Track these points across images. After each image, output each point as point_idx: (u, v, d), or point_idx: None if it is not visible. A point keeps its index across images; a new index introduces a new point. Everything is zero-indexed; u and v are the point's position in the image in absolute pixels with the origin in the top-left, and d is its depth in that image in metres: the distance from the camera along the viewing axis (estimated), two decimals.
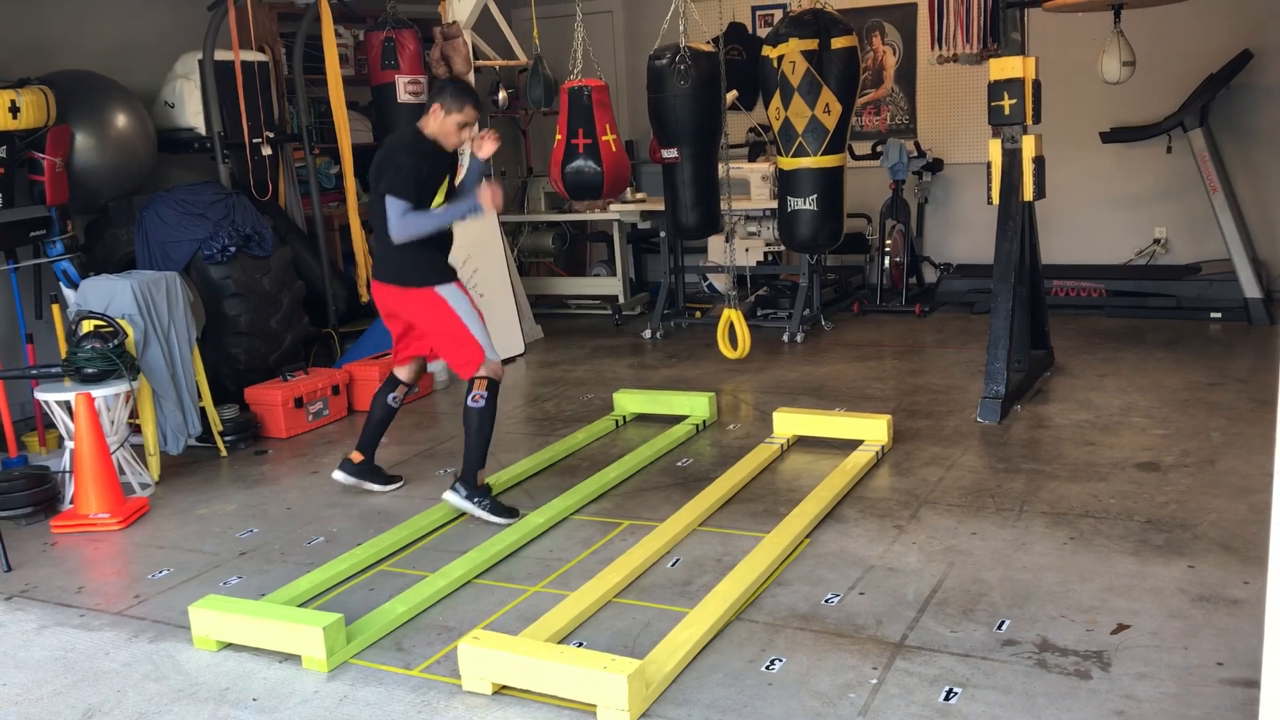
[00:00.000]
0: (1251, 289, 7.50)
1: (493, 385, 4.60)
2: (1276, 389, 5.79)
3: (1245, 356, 6.68)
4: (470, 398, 4.59)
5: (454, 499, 4.63)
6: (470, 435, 4.62)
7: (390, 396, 5.02)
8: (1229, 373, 6.27)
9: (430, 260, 4.63)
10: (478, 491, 4.62)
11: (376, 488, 5.08)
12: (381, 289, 4.72)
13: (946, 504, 4.52)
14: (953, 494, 4.63)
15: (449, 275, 4.67)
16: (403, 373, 5.00)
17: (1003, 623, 3.46)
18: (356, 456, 5.04)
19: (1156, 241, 8.66)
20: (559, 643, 3.42)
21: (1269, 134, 8.17)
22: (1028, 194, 5.87)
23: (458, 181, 4.81)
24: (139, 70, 6.80)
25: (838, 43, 6.58)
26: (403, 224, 4.44)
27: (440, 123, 4.58)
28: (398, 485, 5.13)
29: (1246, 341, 7.06)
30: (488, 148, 4.67)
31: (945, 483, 4.78)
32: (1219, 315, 7.62)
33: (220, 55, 6.65)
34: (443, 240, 4.70)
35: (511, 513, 4.61)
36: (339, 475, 5.04)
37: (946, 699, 3.04)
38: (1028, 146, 5.80)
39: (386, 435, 6.00)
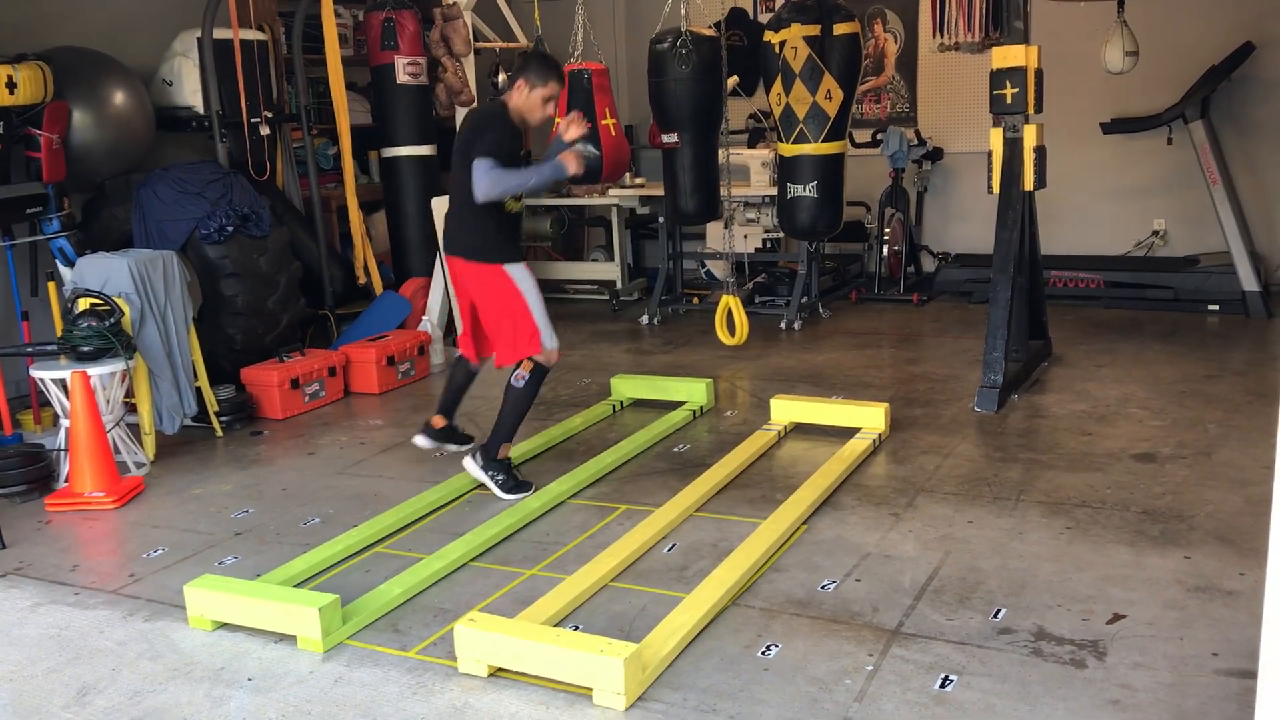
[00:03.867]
0: (1249, 282, 7.50)
1: (539, 370, 4.67)
2: (1273, 382, 5.81)
3: (1242, 349, 6.68)
4: (514, 376, 4.67)
5: (471, 468, 4.69)
6: (504, 411, 4.67)
7: (471, 366, 5.01)
8: (1226, 365, 6.27)
9: (502, 238, 4.62)
10: (495, 465, 4.66)
11: (453, 447, 5.07)
12: (451, 262, 4.74)
13: (943, 492, 4.53)
14: (949, 482, 4.63)
15: (518, 255, 4.67)
16: (473, 361, 5.00)
17: (999, 611, 3.46)
18: (439, 421, 5.01)
19: (1155, 233, 8.66)
20: (555, 626, 3.42)
21: (1270, 127, 8.15)
22: (1028, 183, 5.85)
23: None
24: (137, 47, 6.76)
25: (840, 29, 6.56)
26: (490, 179, 4.37)
27: (525, 97, 4.56)
28: (471, 443, 5.05)
29: (1244, 334, 7.06)
30: (574, 131, 4.65)
31: (942, 471, 4.78)
32: (1216, 308, 7.62)
33: (219, 34, 6.62)
34: (514, 222, 4.72)
35: (524, 487, 4.66)
36: (421, 440, 5.01)
37: (942, 686, 3.04)
38: (1029, 136, 5.78)
39: (381, 417, 6.03)
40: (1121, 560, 3.79)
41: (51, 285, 5.82)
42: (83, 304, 5.15)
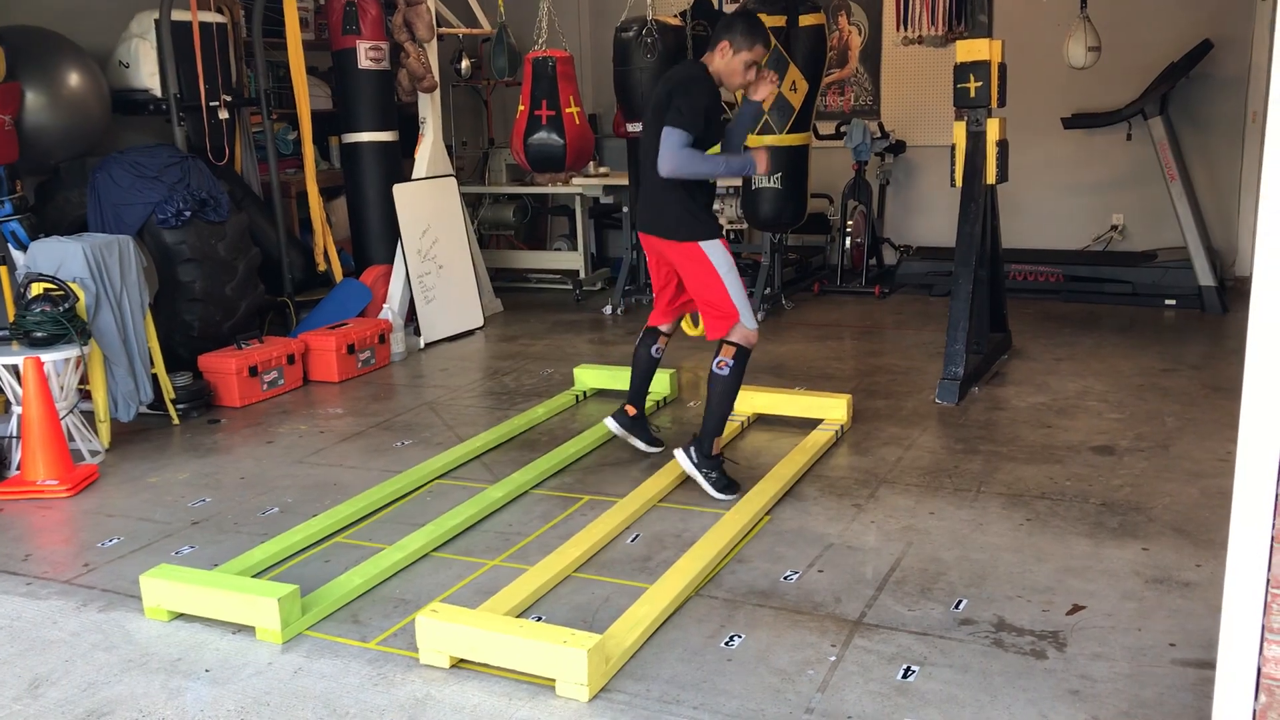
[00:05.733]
0: (1206, 277, 7.59)
1: (741, 353, 4.41)
2: (1229, 376, 5.88)
3: (1199, 343, 6.76)
4: (715, 363, 4.41)
5: (683, 461, 4.46)
6: (711, 402, 4.43)
7: (654, 348, 4.86)
8: (1183, 359, 6.34)
9: (697, 213, 4.39)
10: (708, 461, 4.43)
11: (641, 445, 4.93)
12: (648, 239, 4.54)
13: (905, 484, 4.54)
14: (911, 474, 4.65)
15: (715, 230, 4.42)
16: (664, 325, 4.87)
17: (960, 602, 3.48)
18: (630, 410, 4.89)
19: (1114, 228, 8.75)
20: (518, 617, 3.40)
21: (1226, 124, 8.27)
22: (991, 177, 5.89)
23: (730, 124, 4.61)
24: (93, 28, 6.63)
25: (805, 20, 6.57)
26: (678, 157, 4.16)
27: (727, 61, 4.31)
28: (659, 449, 4.92)
29: (1200, 329, 7.15)
30: (764, 89, 4.43)
31: (904, 463, 4.80)
32: (1174, 302, 7.71)
33: (177, 15, 6.50)
34: (708, 192, 4.50)
35: (734, 488, 4.42)
36: (611, 424, 4.91)
37: (904, 677, 3.05)
38: (992, 130, 5.82)
39: (341, 406, 5.97)
40: (1081, 552, 3.83)
41: (3, 270, 5.69)
42: (36, 289, 5.06)
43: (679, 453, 4.51)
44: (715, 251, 4.37)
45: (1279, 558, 2.06)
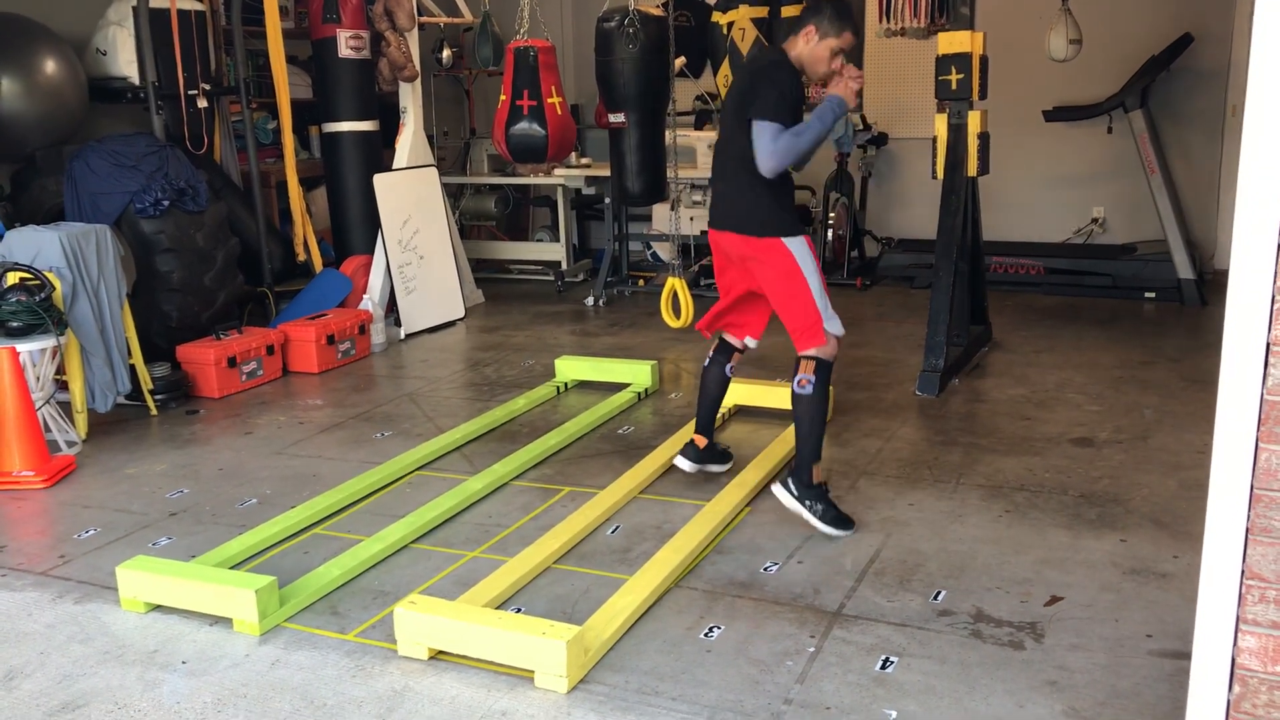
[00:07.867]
0: (1185, 270, 7.63)
1: (822, 366, 3.94)
2: (1207, 368, 5.91)
3: (1177, 336, 6.79)
4: (796, 382, 3.95)
5: (784, 497, 3.99)
6: (800, 426, 3.97)
7: (728, 367, 4.49)
8: (1161, 352, 6.37)
9: (781, 208, 4.02)
10: (811, 492, 3.95)
11: (717, 468, 4.60)
12: (722, 237, 4.13)
13: (884, 475, 4.55)
14: (891, 465, 4.66)
15: (799, 228, 4.04)
16: (735, 341, 4.49)
17: (939, 593, 3.49)
18: (700, 441, 4.51)
19: (1095, 221, 8.78)
20: (497, 608, 3.39)
21: (1206, 117, 8.30)
22: (972, 170, 5.90)
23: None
24: (70, 15, 6.58)
25: (787, 11, 6.55)
26: (776, 148, 3.81)
27: (812, 48, 3.94)
28: (731, 462, 4.64)
29: (1179, 321, 7.19)
30: (849, 86, 4.00)
31: (884, 454, 4.80)
32: (1153, 295, 7.74)
33: (155, 2, 6.44)
34: (790, 192, 4.15)
35: (848, 523, 3.97)
36: (682, 463, 4.49)
37: (883, 668, 3.06)
38: (973, 122, 5.82)
39: (320, 397, 5.95)
40: (1059, 543, 3.84)
41: None
42: (11, 278, 5.01)
43: (777, 488, 4.04)
44: (799, 249, 4.00)
45: (1254, 550, 2.07)
